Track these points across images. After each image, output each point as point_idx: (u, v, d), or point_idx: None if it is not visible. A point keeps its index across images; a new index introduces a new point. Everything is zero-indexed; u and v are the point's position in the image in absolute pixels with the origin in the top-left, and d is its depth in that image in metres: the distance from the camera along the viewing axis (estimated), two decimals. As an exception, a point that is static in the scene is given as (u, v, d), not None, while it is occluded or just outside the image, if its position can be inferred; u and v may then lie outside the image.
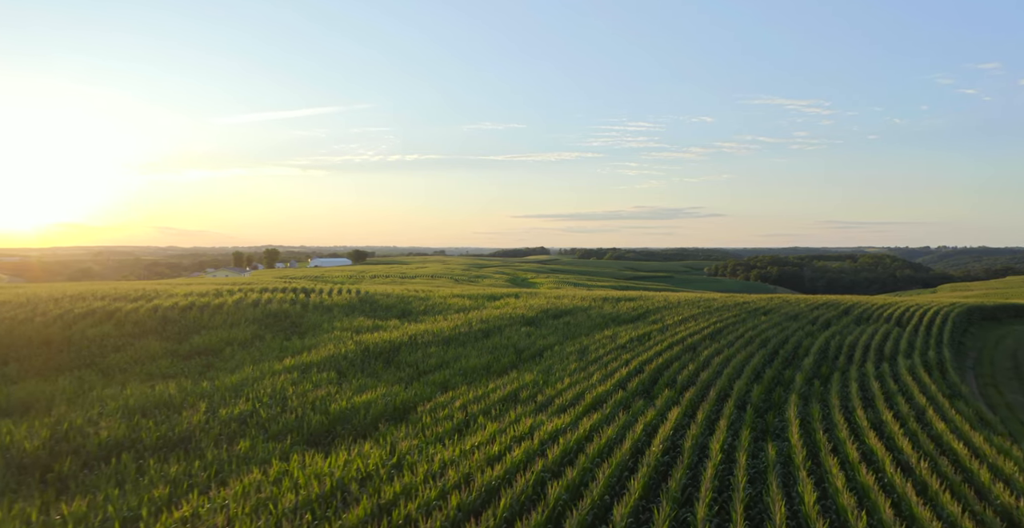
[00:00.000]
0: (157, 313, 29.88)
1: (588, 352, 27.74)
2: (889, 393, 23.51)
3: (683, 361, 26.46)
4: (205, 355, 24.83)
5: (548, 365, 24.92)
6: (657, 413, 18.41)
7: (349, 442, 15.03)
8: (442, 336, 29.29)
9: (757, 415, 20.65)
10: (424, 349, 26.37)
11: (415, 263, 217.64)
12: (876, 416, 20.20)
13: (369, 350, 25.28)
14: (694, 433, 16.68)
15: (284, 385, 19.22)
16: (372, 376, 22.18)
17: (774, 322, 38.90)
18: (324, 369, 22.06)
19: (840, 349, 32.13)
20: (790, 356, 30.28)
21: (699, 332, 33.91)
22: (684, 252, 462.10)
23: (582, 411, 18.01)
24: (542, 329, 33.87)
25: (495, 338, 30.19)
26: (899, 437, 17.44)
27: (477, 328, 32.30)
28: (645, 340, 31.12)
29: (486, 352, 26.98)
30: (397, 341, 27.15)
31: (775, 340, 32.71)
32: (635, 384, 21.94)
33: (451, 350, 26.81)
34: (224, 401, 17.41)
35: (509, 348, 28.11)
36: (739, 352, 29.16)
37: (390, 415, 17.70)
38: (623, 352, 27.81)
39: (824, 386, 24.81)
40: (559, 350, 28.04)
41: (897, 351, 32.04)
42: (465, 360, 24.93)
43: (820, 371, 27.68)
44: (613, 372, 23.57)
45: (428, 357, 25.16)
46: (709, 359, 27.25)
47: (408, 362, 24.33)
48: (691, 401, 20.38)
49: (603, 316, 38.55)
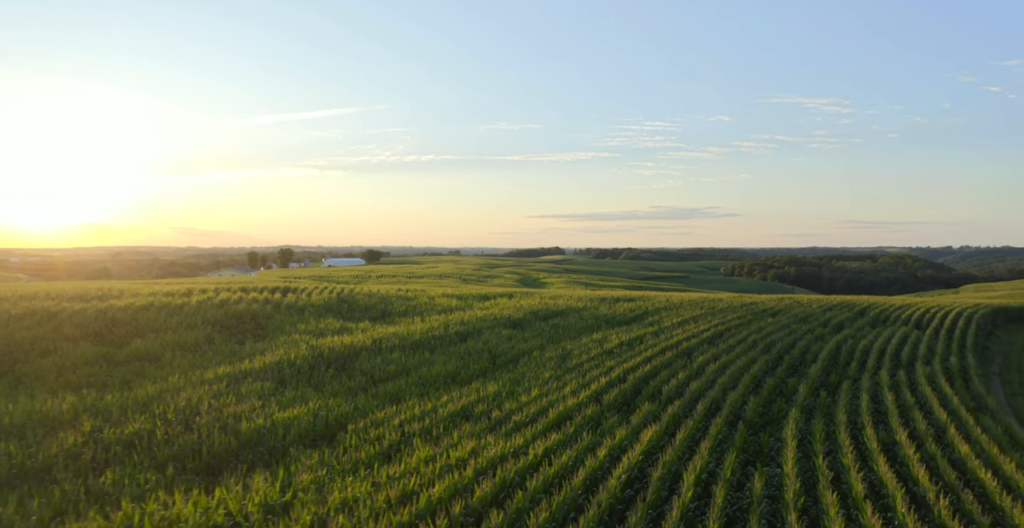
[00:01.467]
0: (107, 315, 27.65)
1: (569, 358, 25.14)
2: (905, 406, 20.71)
3: (674, 369, 23.79)
4: (142, 361, 22.53)
5: (521, 373, 22.35)
6: (630, 432, 15.78)
7: (244, 472, 12.56)
8: (411, 340, 26.80)
9: (750, 433, 17.95)
10: (386, 355, 23.89)
11: (428, 263, 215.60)
12: (888, 435, 17.43)
13: (323, 356, 22.83)
14: (668, 458, 14.06)
15: (203, 398, 16.79)
16: (315, 386, 19.73)
17: (782, 324, 36.04)
18: (262, 378, 19.63)
19: (852, 354, 29.27)
20: (796, 362, 27.48)
21: (697, 335, 31.17)
22: (700, 252, 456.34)
23: (540, 430, 15.42)
24: (527, 332, 31.29)
25: (471, 342, 27.67)
26: (914, 464, 14.69)
27: (455, 330, 29.79)
28: (636, 344, 28.44)
29: (456, 358, 24.46)
30: (358, 345, 24.69)
31: (781, 344, 29.91)
32: (613, 396, 19.31)
33: (417, 356, 24.32)
34: (121, 418, 15.00)
35: (484, 353, 25.59)
36: (739, 358, 26.41)
37: (314, 435, 15.22)
38: (608, 358, 25.17)
39: (831, 398, 22.04)
40: (538, 356, 25.46)
41: (915, 357, 29.12)
42: (429, 367, 22.44)
43: (828, 380, 24.88)
44: (591, 381, 20.95)
45: (388, 364, 22.68)
46: (704, 366, 24.54)
47: (364, 370, 21.86)
48: (674, 417, 17.72)
49: (596, 318, 35.89)
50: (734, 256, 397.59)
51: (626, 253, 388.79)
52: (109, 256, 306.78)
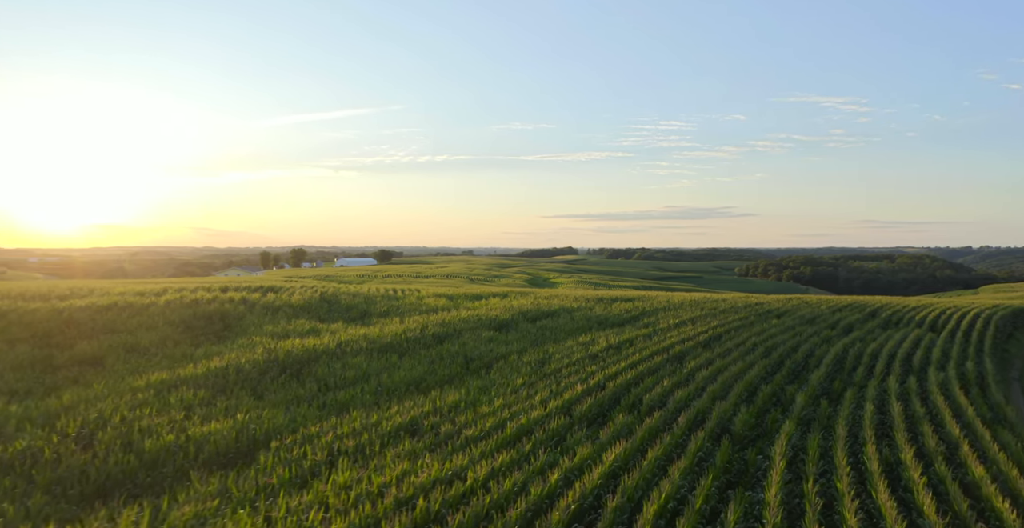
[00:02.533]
0: (62, 315, 26.07)
1: (549, 362, 23.23)
2: (913, 418, 18.62)
3: (660, 375, 21.83)
4: (83, 365, 20.88)
5: (491, 380, 20.49)
6: (595, 450, 13.86)
7: (122, 501, 10.78)
8: (381, 342, 24.99)
9: (736, 449, 15.98)
10: (348, 359, 22.10)
11: (439, 263, 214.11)
12: (892, 453, 15.39)
13: (278, 360, 21.05)
14: (633, 482, 12.14)
15: (119, 409, 15.06)
16: (258, 395, 17.95)
17: (786, 326, 33.91)
18: (200, 385, 17.86)
19: (859, 359, 27.13)
20: (798, 368, 25.41)
21: (693, 338, 29.14)
22: (715, 252, 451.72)
23: (491, 449, 13.54)
24: (510, 334, 29.40)
25: (447, 345, 25.83)
26: (920, 490, 12.66)
27: (433, 332, 27.95)
28: (625, 348, 26.47)
29: (425, 362, 22.64)
30: (320, 349, 22.90)
31: (783, 348, 27.82)
32: (586, 406, 17.39)
33: (382, 360, 22.50)
34: (15, 433, 13.29)
35: (457, 357, 23.75)
36: (735, 363, 24.39)
37: (232, 453, 13.44)
38: (591, 363, 23.23)
39: (833, 408, 19.99)
40: (515, 360, 23.58)
41: (928, 361, 26.94)
42: (391, 373, 20.62)
43: (831, 387, 22.81)
44: (565, 389, 19.03)
45: (347, 369, 20.88)
46: (694, 372, 22.55)
47: (320, 375, 20.08)
48: (651, 431, 15.78)
49: (589, 319, 33.93)
50: (749, 256, 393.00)
51: (639, 253, 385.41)
52: (127, 256, 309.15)
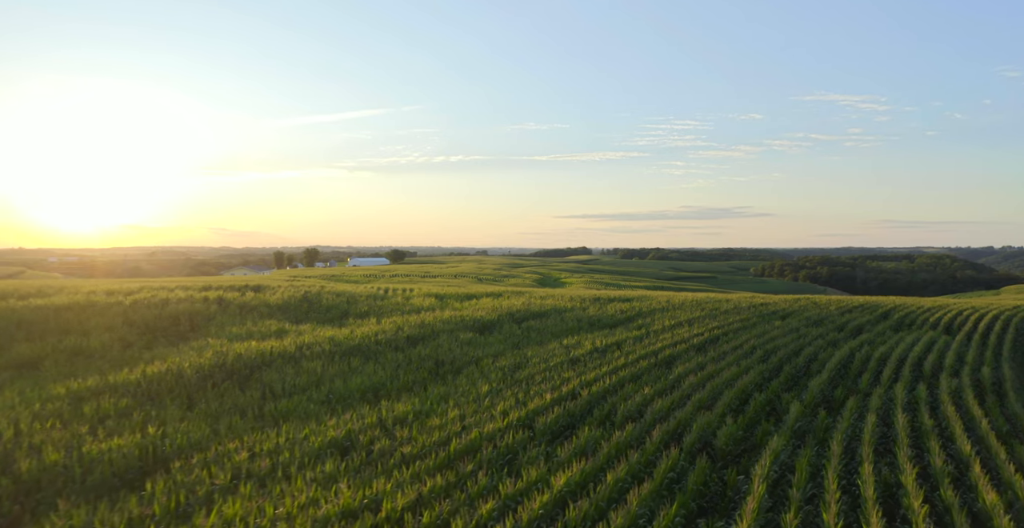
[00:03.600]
0: (14, 315, 24.69)
1: (524, 367, 21.48)
2: (920, 432, 16.68)
3: (643, 382, 20.00)
4: (16, 369, 19.43)
5: (456, 386, 18.77)
6: (546, 472, 12.09)
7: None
8: (348, 345, 23.34)
9: (716, 469, 14.15)
10: (305, 363, 20.46)
11: (451, 263, 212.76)
12: (893, 474, 13.48)
13: (226, 365, 19.44)
14: (577, 515, 10.36)
15: (20, 420, 13.49)
16: (189, 404, 16.34)
17: (790, 328, 31.90)
18: (126, 394, 16.28)
19: (866, 364, 25.14)
20: (798, 373, 23.48)
21: (687, 340, 27.25)
22: (731, 252, 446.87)
23: (426, 470, 11.81)
24: (492, 336, 27.68)
25: (420, 348, 24.15)
26: (920, 523, 10.78)
27: (408, 334, 26.29)
28: (612, 351, 24.65)
29: (390, 367, 20.97)
30: (276, 352, 21.28)
31: (783, 351, 25.88)
32: (552, 418, 15.62)
33: (343, 364, 20.85)
34: None
35: (427, 361, 22.07)
36: (728, 368, 22.50)
37: (133, 474, 11.80)
38: (569, 368, 21.45)
39: (832, 418, 18.05)
40: (489, 364, 21.84)
41: (941, 367, 24.89)
42: (348, 379, 18.96)
43: (833, 395, 20.89)
44: (533, 398, 17.25)
45: (301, 375, 19.25)
46: (681, 378, 20.69)
47: (267, 382, 18.45)
48: (618, 447, 13.98)
49: (580, 320, 32.11)
50: (765, 257, 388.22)
51: (654, 253, 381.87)
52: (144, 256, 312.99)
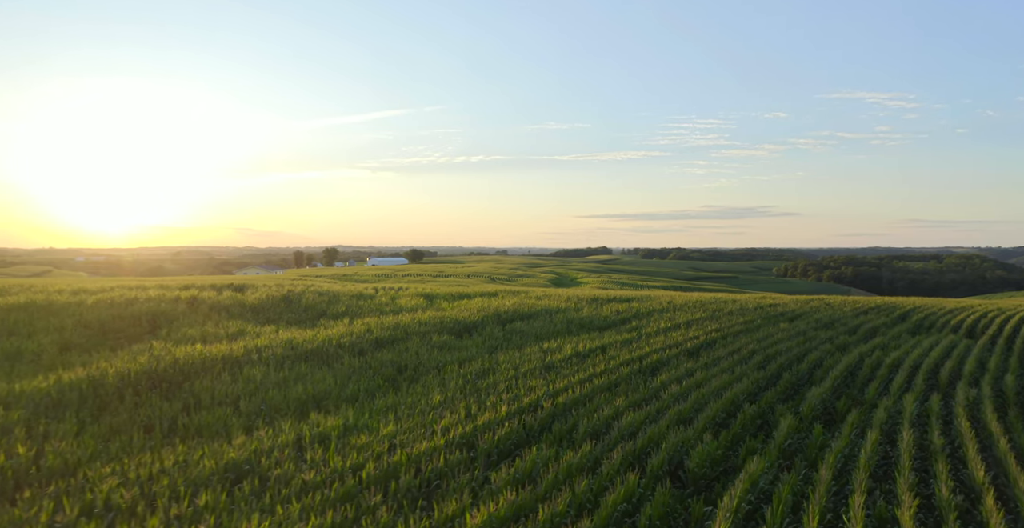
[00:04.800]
0: (-40, 314, 23.29)
1: (491, 374, 19.53)
2: (928, 452, 14.49)
3: (619, 391, 17.99)
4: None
5: (406, 396, 16.90)
6: (461, 508, 10.15)
7: None
8: (304, 349, 21.56)
9: (683, 497, 12.12)
10: (246, 370, 18.70)
11: (469, 262, 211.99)
12: (888, 508, 11.35)
13: (157, 372, 17.71)
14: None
15: None
16: (95, 417, 14.63)
17: (797, 330, 29.62)
18: (26, 405, 14.55)
19: (875, 371, 22.86)
20: (799, 381, 21.30)
21: (679, 345, 25.14)
22: (754, 252, 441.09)
23: (316, 504, 9.92)
24: (471, 338, 25.79)
25: (384, 352, 22.34)
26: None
27: (377, 336, 24.47)
28: (594, 356, 22.63)
29: (344, 373, 19.16)
30: (219, 356, 19.54)
31: (784, 357, 23.70)
32: (501, 435, 13.67)
33: (291, 371, 19.07)
34: None
35: (387, 367, 20.24)
36: (719, 376, 20.39)
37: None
38: (541, 375, 19.47)
39: (828, 434, 15.87)
40: (453, 370, 19.94)
41: (959, 375, 22.56)
42: (289, 388, 17.18)
43: (834, 407, 18.71)
44: (487, 410, 15.34)
45: (238, 382, 17.50)
46: (662, 388, 18.64)
47: (197, 391, 16.70)
48: (567, 471, 11.98)
49: (569, 322, 30.09)
50: (789, 257, 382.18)
51: (674, 253, 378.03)
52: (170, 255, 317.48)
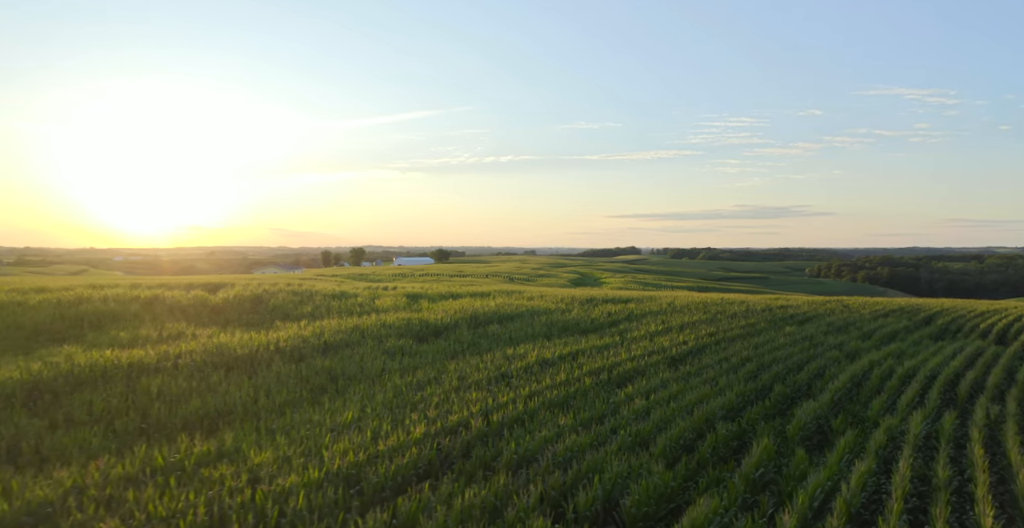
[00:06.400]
0: None
1: (432, 384, 17.13)
2: (930, 487, 11.74)
3: (571, 407, 15.49)
4: None
5: (316, 413, 14.61)
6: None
7: None
8: (236, 355, 19.39)
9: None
10: (145, 380, 16.57)
11: (494, 262, 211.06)
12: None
13: (42, 382, 15.61)
14: None
15: None
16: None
17: (804, 335, 26.69)
18: None
19: (885, 382, 19.93)
20: (794, 394, 18.51)
21: (664, 351, 22.49)
22: (787, 252, 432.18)
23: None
24: (434, 343, 23.46)
25: (327, 358, 20.11)
26: None
27: (327, 340, 22.26)
28: (560, 364, 20.08)
29: (265, 384, 16.95)
30: (123, 364, 17.45)
31: (781, 365, 20.92)
32: (402, 465, 11.24)
33: (203, 380, 16.92)
34: None
35: (320, 376, 18.01)
36: (698, 388, 17.74)
37: None
38: (487, 387, 17.01)
39: (811, 461, 13.20)
40: (391, 380, 17.58)
41: (981, 387, 19.58)
42: (187, 401, 15.04)
43: (829, 426, 15.95)
44: (397, 431, 12.96)
45: (131, 394, 15.40)
46: (624, 403, 16.04)
47: (81, 404, 14.63)
48: (458, 517, 9.55)
49: (551, 324, 27.57)
50: (823, 257, 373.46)
51: (704, 253, 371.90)
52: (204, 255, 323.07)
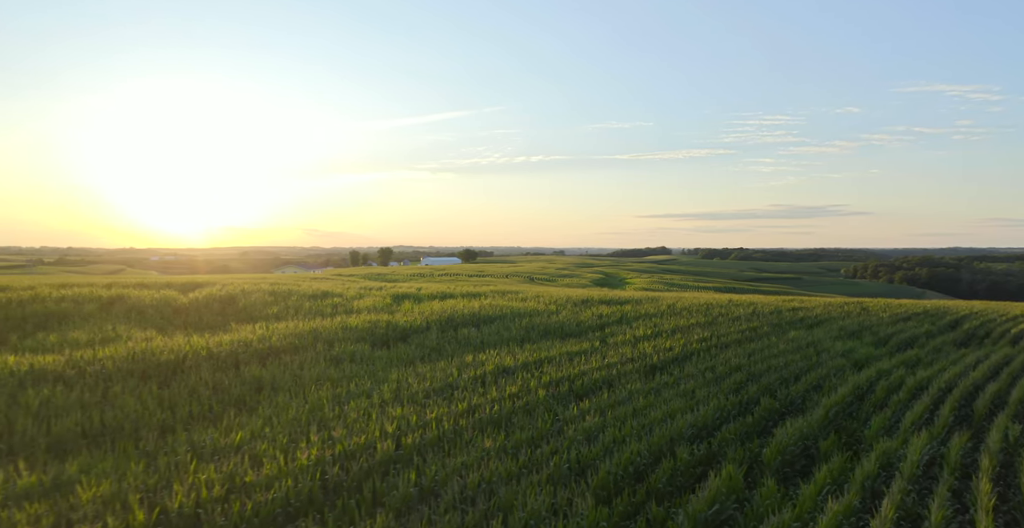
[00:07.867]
0: None
1: (360, 397, 15.11)
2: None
3: (506, 427, 13.39)
4: None
5: (212, 433, 12.73)
6: None
7: None
8: (156, 361, 17.61)
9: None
10: (32, 390, 14.84)
11: (520, 262, 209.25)
12: None
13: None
14: None
15: None
16: None
17: (809, 341, 24.15)
18: None
19: (891, 395, 17.41)
20: (784, 409, 16.14)
21: (644, 358, 20.19)
22: (822, 252, 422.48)
23: None
24: (393, 348, 21.50)
25: (265, 365, 18.28)
26: None
27: (273, 344, 20.38)
28: (520, 372, 17.87)
29: (181, 395, 15.15)
30: (21, 371, 15.74)
31: (775, 375, 18.53)
32: (257, 504, 9.31)
33: (103, 392, 15.16)
34: None
35: (245, 385, 16.16)
36: (670, 402, 15.48)
37: None
38: (422, 401, 14.97)
39: (783, 495, 10.89)
40: (317, 392, 15.67)
41: (1003, 403, 16.96)
42: (62, 418, 13.29)
43: (815, 450, 13.60)
44: (280, 457, 11.00)
45: (10, 408, 13.67)
46: (571, 421, 13.86)
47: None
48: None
49: (531, 328, 25.40)
50: (860, 257, 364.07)
51: (736, 253, 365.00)
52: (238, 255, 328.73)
